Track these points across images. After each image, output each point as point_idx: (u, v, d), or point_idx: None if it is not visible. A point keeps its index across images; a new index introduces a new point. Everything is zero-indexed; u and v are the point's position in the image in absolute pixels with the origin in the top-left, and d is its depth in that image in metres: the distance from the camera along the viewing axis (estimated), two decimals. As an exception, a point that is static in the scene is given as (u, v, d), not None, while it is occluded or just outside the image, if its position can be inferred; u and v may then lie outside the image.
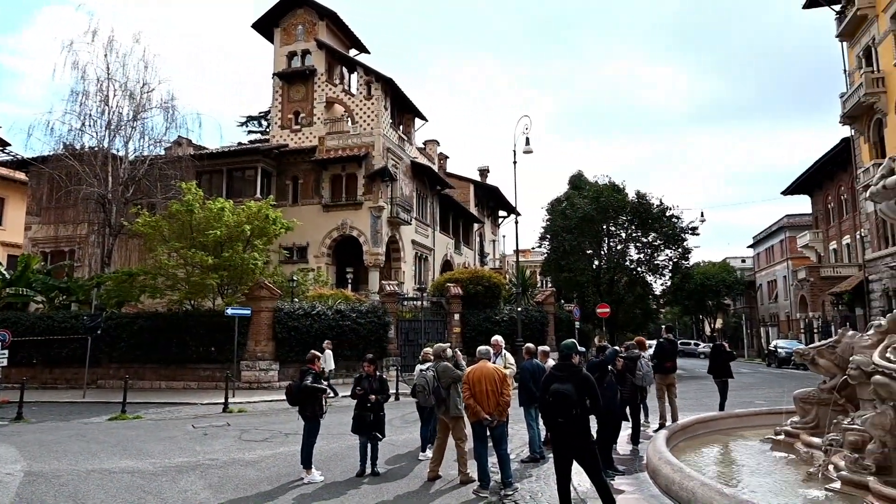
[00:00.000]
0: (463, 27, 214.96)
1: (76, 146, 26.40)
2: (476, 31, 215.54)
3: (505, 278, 31.99)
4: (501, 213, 54.34)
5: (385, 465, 8.97)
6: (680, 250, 37.57)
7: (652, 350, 12.61)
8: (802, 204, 50.62)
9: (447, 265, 39.77)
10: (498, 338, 10.48)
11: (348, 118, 32.88)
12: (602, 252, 38.09)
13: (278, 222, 23.48)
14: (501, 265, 51.27)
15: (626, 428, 9.92)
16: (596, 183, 39.06)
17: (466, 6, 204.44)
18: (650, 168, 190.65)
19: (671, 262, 38.04)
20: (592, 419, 6.52)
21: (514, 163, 24.53)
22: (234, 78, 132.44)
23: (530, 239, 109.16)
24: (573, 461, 6.17)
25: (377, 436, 8.52)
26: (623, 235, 37.96)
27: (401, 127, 35.25)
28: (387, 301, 24.24)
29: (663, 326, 17.97)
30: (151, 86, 27.15)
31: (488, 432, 7.54)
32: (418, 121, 37.52)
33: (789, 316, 48.15)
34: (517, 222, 26.60)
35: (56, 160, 26.16)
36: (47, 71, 66.71)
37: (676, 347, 13.56)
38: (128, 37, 32.19)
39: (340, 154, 31.68)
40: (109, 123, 26.46)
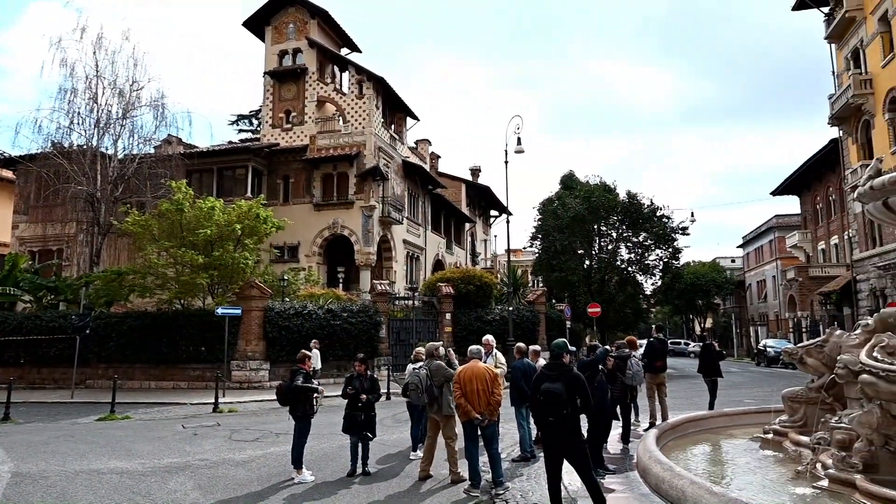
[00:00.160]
0: (453, 27, 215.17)
1: (64, 144, 26.17)
2: (466, 32, 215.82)
3: (496, 278, 32.03)
4: (493, 213, 54.41)
5: (376, 465, 8.95)
6: (670, 250, 37.81)
7: (642, 349, 12.67)
8: (792, 204, 51.06)
9: (439, 265, 39.76)
10: (489, 337, 10.49)
11: (340, 117, 32.80)
12: (593, 252, 38.23)
13: (269, 221, 23.40)
14: (493, 265, 51.30)
15: (617, 427, 9.97)
16: (587, 183, 39.20)
17: (457, 6, 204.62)
18: (641, 167, 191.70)
19: (661, 262, 38.27)
20: (583, 418, 6.54)
21: (506, 162, 24.56)
22: (225, 76, 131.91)
23: (522, 238, 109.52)
24: (564, 460, 6.19)
25: (368, 435, 8.51)
26: (614, 235, 38.14)
27: (392, 126, 35.19)
28: (378, 300, 24.21)
29: (653, 326, 18.04)
30: (141, 84, 27.00)
31: (479, 431, 7.55)
32: (410, 120, 37.48)
33: (778, 315, 48.52)
34: (508, 222, 26.70)
35: (44, 158, 25.92)
36: (35, 68, 65.89)
37: (666, 347, 13.64)
38: (117, 34, 32.05)
39: (332, 153, 31.59)
40: (98, 121, 26.25)
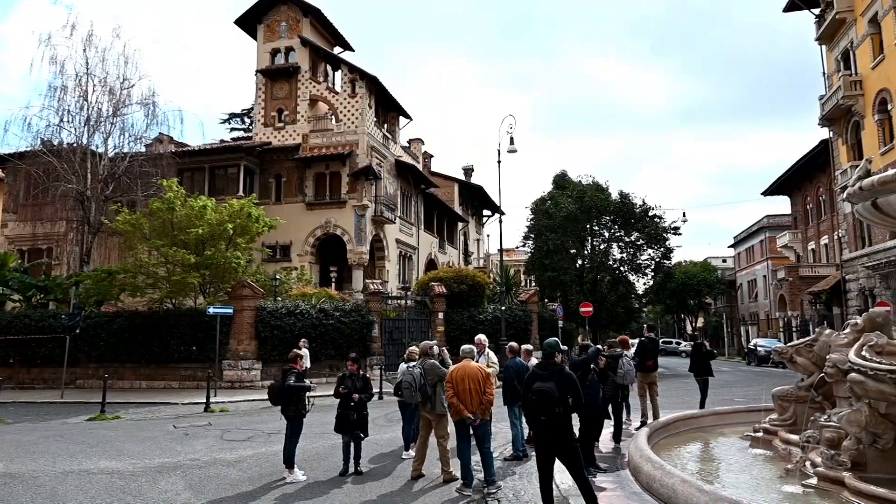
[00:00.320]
0: (447, 27, 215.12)
1: (54, 142, 25.98)
2: (460, 31, 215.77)
3: (489, 277, 32.08)
4: (486, 213, 54.43)
5: (368, 464, 8.94)
6: (662, 250, 37.95)
7: (634, 349, 12.71)
8: (782, 205, 51.32)
9: (431, 264, 39.74)
10: (481, 336, 10.50)
11: (332, 116, 32.70)
12: (585, 251, 38.31)
13: (261, 220, 23.33)
14: (485, 264, 51.37)
15: (609, 426, 9.99)
16: (580, 183, 39.26)
17: (450, 5, 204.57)
18: (634, 167, 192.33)
19: (653, 262, 38.39)
20: (575, 417, 6.56)
21: (499, 162, 24.58)
22: (217, 75, 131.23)
23: (514, 238, 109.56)
24: (556, 459, 6.21)
25: (360, 435, 8.50)
26: (606, 235, 38.22)
27: (385, 125, 35.12)
28: (371, 300, 24.18)
29: (645, 325, 18.12)
30: (132, 81, 26.86)
31: (471, 431, 7.55)
32: (403, 119, 37.40)
33: (769, 315, 48.84)
34: (501, 221, 26.80)
35: (33, 156, 25.73)
36: (24, 65, 65.49)
37: (658, 346, 13.68)
38: (107, 32, 31.80)
39: (324, 152, 31.49)
40: (88, 119, 26.07)
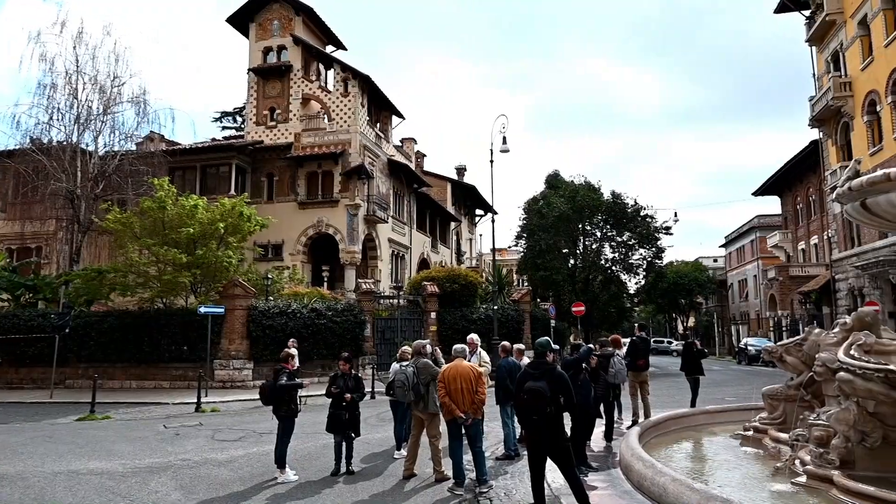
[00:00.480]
0: (440, 26, 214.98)
1: (44, 140, 25.76)
2: (453, 30, 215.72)
3: (481, 277, 32.07)
4: (478, 212, 54.47)
5: (360, 464, 8.92)
6: (654, 249, 38.10)
7: (625, 348, 12.74)
8: (773, 205, 51.63)
9: (424, 263, 39.73)
10: (473, 336, 10.48)
11: (325, 115, 32.61)
12: (577, 251, 38.40)
13: (253, 219, 23.23)
14: (478, 264, 51.39)
15: (600, 425, 10.03)
16: (572, 182, 39.34)
17: (443, 5, 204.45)
18: (627, 167, 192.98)
19: (645, 262, 38.53)
20: (567, 416, 6.57)
21: (491, 162, 24.61)
22: (209, 73, 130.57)
23: (507, 237, 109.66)
24: (547, 458, 6.22)
25: (352, 434, 8.48)
26: (598, 235, 38.34)
27: (378, 124, 35.07)
28: (363, 299, 24.14)
29: (636, 325, 18.18)
30: (122, 79, 26.64)
31: (463, 430, 7.55)
32: (395, 118, 37.37)
33: (759, 314, 49.15)
34: (494, 221, 26.75)
35: (22, 154, 25.49)
36: (13, 63, 64.81)
37: (649, 345, 13.72)
38: (98, 29, 31.34)
39: (316, 151, 31.41)
40: (78, 117, 25.85)
